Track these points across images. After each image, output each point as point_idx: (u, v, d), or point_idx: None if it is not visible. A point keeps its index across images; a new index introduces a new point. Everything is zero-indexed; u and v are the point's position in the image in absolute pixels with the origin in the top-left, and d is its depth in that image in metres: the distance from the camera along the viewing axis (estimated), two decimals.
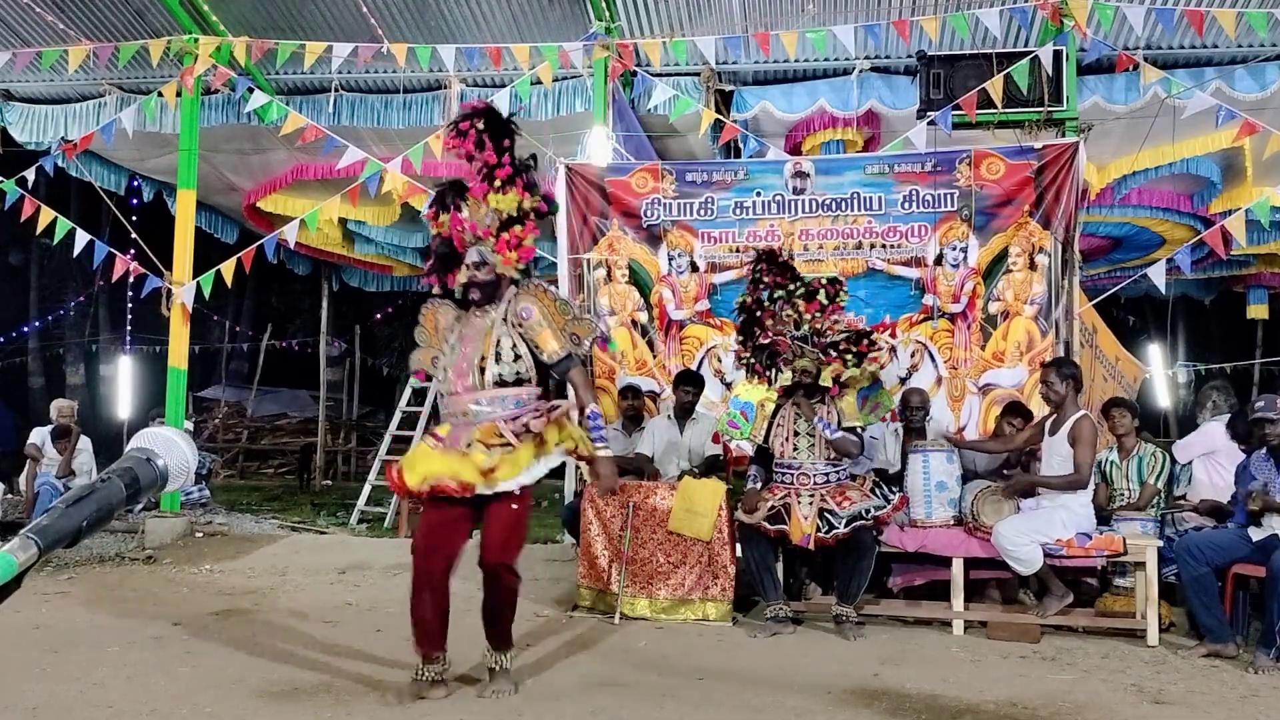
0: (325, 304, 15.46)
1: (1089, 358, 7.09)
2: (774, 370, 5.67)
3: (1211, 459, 6.14)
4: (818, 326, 5.54)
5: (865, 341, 5.62)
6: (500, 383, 4.12)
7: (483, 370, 4.13)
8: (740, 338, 5.80)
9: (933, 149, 7.23)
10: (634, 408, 6.73)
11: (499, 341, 4.14)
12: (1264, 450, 5.28)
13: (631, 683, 4.48)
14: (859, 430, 5.60)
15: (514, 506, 4.13)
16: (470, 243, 4.20)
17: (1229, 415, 6.31)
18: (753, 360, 5.69)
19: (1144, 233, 10.76)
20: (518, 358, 4.13)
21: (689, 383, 6.53)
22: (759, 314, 5.60)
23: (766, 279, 5.62)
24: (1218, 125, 7.47)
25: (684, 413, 6.48)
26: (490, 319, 4.20)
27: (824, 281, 5.66)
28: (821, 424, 5.47)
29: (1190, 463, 6.28)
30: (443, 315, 4.37)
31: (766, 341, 5.58)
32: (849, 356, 5.54)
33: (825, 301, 5.58)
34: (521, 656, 4.94)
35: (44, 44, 9.04)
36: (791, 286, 5.61)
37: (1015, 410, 6.26)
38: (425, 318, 4.43)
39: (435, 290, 4.42)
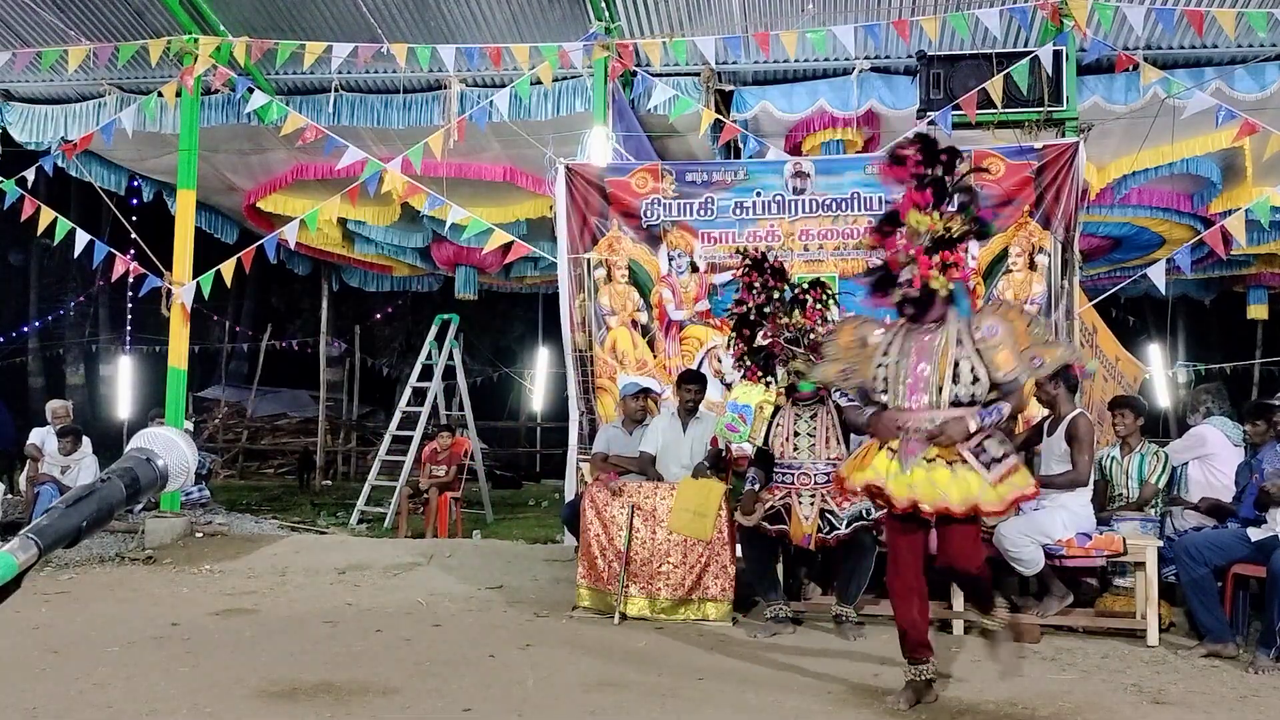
0: (325, 304, 15.46)
1: (1089, 358, 7.10)
2: (770, 373, 5.66)
3: (1207, 461, 6.13)
4: (809, 328, 5.53)
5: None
6: (956, 403, 4.12)
7: (940, 390, 4.15)
8: (735, 340, 5.75)
9: None
10: (641, 409, 6.71)
11: (957, 364, 4.14)
12: (1278, 442, 5.31)
13: (631, 683, 4.48)
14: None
15: (971, 524, 4.20)
16: (903, 263, 4.19)
17: (1221, 417, 6.32)
18: (750, 363, 5.66)
19: (1144, 233, 10.76)
20: (976, 380, 4.14)
21: (693, 382, 6.48)
22: (753, 318, 5.59)
23: (757, 284, 5.58)
24: (1217, 125, 7.48)
25: (687, 413, 6.46)
26: (943, 339, 4.17)
27: (807, 287, 5.62)
28: (839, 394, 5.43)
29: (1185, 464, 6.27)
30: (868, 331, 4.39)
31: (764, 344, 5.57)
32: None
33: (818, 306, 5.55)
34: (522, 656, 4.94)
35: (44, 44, 9.05)
36: (781, 293, 5.58)
37: None
38: (842, 333, 4.50)
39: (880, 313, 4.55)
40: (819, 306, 5.54)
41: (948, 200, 4.16)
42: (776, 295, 5.55)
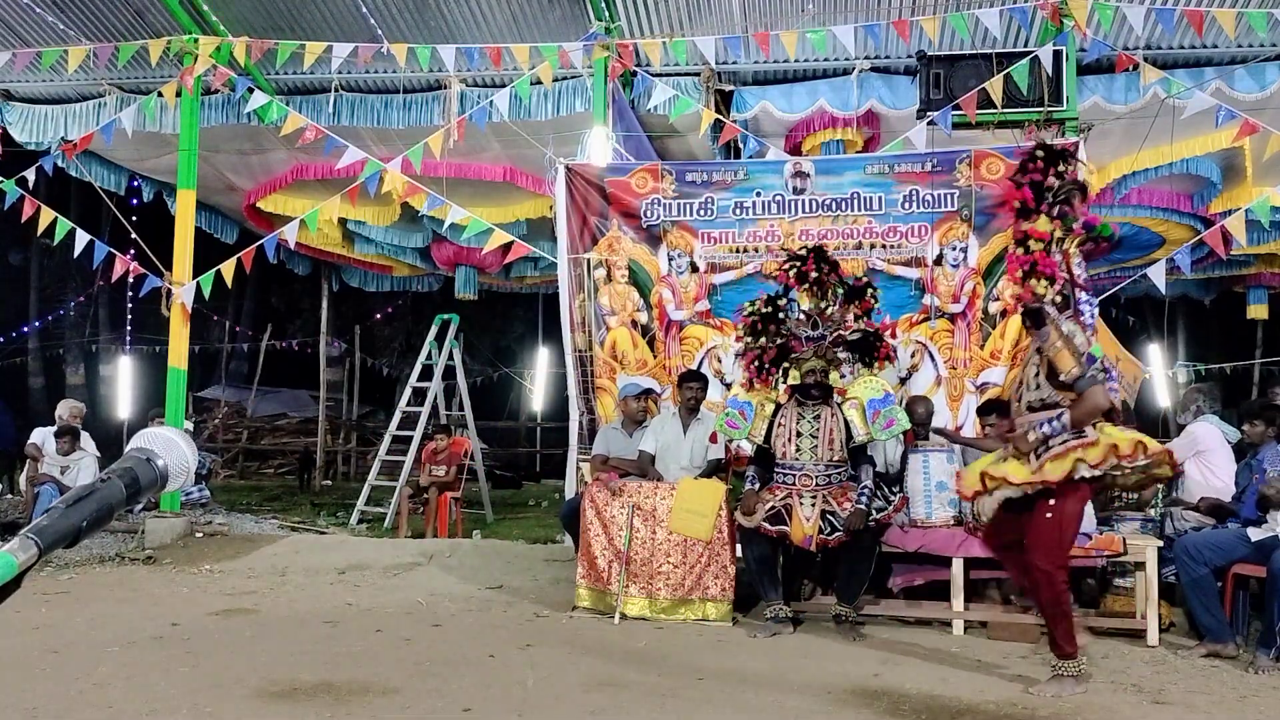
0: (325, 304, 15.46)
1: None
2: (782, 372, 5.66)
3: (1203, 459, 6.13)
4: (838, 326, 5.54)
5: (878, 340, 5.62)
6: (1030, 407, 4.45)
7: (1020, 396, 4.55)
8: (750, 337, 5.72)
9: (933, 149, 7.24)
10: (643, 410, 6.70)
11: (1030, 369, 4.49)
12: (1278, 443, 5.33)
13: (631, 683, 4.47)
14: (868, 450, 5.58)
15: (1047, 514, 4.37)
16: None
17: (1212, 416, 6.33)
18: (767, 365, 5.65)
19: (1144, 233, 10.76)
20: (1038, 386, 4.44)
21: (694, 380, 6.47)
22: (780, 314, 5.59)
23: (818, 272, 5.56)
24: (1217, 125, 7.48)
25: (689, 412, 6.44)
26: (1033, 346, 4.52)
27: (865, 281, 5.70)
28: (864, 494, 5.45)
29: (1181, 465, 6.26)
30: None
31: (780, 341, 5.57)
32: (863, 357, 5.59)
33: (873, 301, 5.63)
34: (521, 656, 4.94)
35: (44, 44, 9.05)
36: (836, 284, 5.60)
37: (990, 409, 6.22)
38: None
39: None
40: (874, 303, 5.63)
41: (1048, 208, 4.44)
42: (816, 287, 5.56)
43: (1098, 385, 4.27)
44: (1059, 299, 4.40)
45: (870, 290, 5.71)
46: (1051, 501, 4.32)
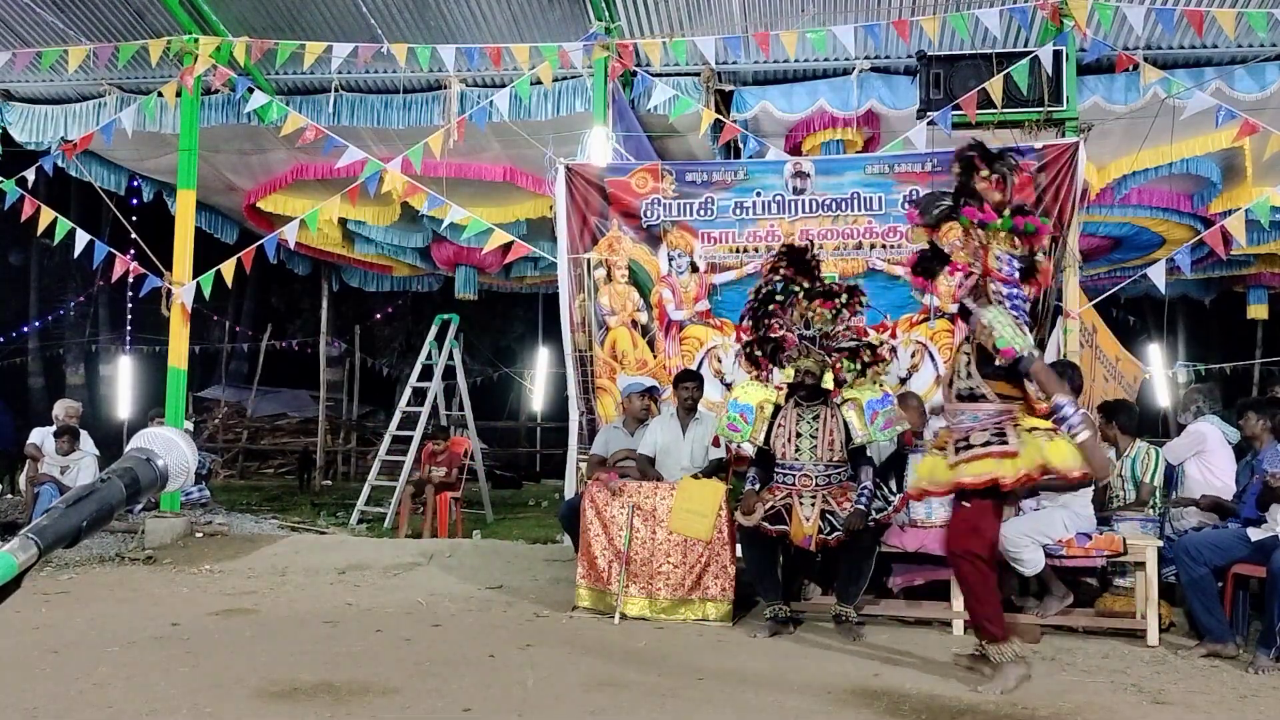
0: (325, 304, 15.47)
1: (1089, 358, 7.10)
2: (774, 365, 5.63)
3: (1203, 458, 6.14)
4: (828, 329, 5.48)
5: (870, 352, 5.57)
6: (960, 396, 4.43)
7: (950, 384, 4.54)
8: (749, 325, 5.69)
9: (933, 149, 7.24)
10: (645, 409, 6.70)
11: (962, 359, 4.45)
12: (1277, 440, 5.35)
13: (631, 683, 4.47)
14: (866, 450, 5.56)
15: (965, 503, 4.47)
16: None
17: (1212, 416, 6.33)
18: (757, 353, 5.60)
19: (1144, 233, 10.77)
20: (970, 375, 4.39)
21: (689, 380, 6.47)
22: (770, 305, 5.54)
23: (784, 271, 5.52)
24: (1217, 125, 7.48)
25: (687, 412, 6.44)
26: (963, 338, 4.54)
27: (845, 286, 5.61)
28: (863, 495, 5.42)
29: (1182, 464, 6.27)
30: None
31: (775, 335, 5.53)
32: (852, 364, 5.52)
33: (840, 305, 5.51)
34: (522, 656, 4.94)
35: (44, 44, 9.05)
36: (807, 284, 5.52)
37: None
38: None
39: None
40: (844, 307, 5.51)
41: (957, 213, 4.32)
42: (796, 288, 5.48)
43: (1037, 361, 4.24)
44: (976, 294, 4.30)
45: (852, 297, 5.54)
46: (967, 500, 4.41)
